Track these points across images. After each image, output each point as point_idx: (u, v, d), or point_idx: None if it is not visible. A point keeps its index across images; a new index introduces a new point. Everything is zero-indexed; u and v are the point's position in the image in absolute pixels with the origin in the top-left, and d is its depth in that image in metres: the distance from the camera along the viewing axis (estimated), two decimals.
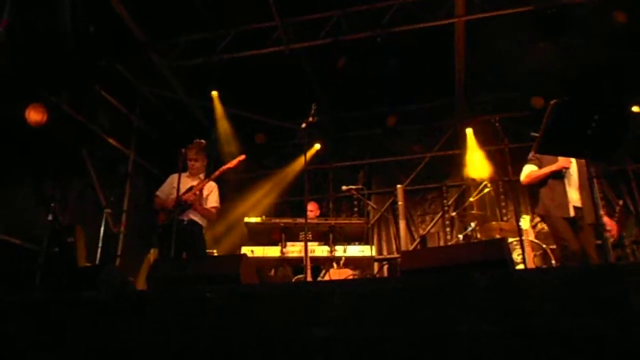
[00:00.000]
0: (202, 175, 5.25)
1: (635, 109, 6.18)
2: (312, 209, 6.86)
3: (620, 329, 1.85)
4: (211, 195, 5.19)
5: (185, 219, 4.95)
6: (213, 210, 5.17)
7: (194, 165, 5.16)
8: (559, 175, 4.61)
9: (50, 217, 5.25)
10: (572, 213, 4.47)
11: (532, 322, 1.94)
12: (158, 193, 5.22)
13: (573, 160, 4.61)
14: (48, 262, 5.04)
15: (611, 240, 5.06)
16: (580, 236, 4.48)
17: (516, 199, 7.69)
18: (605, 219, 5.08)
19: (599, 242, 4.78)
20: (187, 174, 5.09)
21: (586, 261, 4.35)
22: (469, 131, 8.30)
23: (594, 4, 6.17)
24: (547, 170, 4.61)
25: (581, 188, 4.56)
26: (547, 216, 4.65)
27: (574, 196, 4.55)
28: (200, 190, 5.07)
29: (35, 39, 4.70)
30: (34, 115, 4.86)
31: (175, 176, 5.14)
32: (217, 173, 5.12)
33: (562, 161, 4.54)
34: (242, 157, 5.27)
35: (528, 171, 4.77)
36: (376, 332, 2.04)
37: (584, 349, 1.85)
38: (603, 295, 1.95)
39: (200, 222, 5.09)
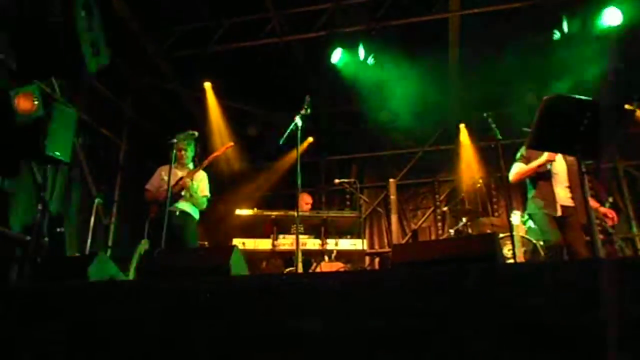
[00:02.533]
0: (191, 165, 5.24)
1: (627, 106, 6.20)
2: (308, 202, 6.83)
3: (607, 323, 1.87)
4: (201, 184, 5.19)
5: (177, 210, 4.93)
6: (203, 199, 5.18)
7: (183, 154, 5.14)
8: (547, 175, 4.62)
9: (39, 207, 5.21)
10: (559, 212, 4.50)
11: (520, 316, 1.95)
12: (148, 186, 5.21)
13: (559, 157, 4.64)
14: (37, 252, 5.00)
15: (610, 224, 5.11)
16: (568, 234, 4.49)
17: (507, 194, 7.73)
18: (601, 209, 5.13)
19: (588, 238, 4.84)
20: (176, 165, 5.06)
21: (572, 256, 4.38)
22: (462, 126, 8.32)
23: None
24: (533, 165, 4.63)
25: (572, 186, 4.57)
26: (535, 214, 4.68)
27: (561, 194, 4.56)
28: (191, 180, 5.06)
29: (26, 27, 4.64)
30: (24, 103, 4.81)
31: (163, 168, 5.14)
32: (206, 162, 5.12)
33: (547, 154, 4.57)
34: (230, 144, 5.25)
35: (517, 169, 4.79)
36: (367, 324, 2.05)
37: (571, 342, 1.86)
38: (591, 289, 1.97)
39: (191, 212, 5.08)
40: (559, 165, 4.65)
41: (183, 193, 4.98)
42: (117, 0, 6.28)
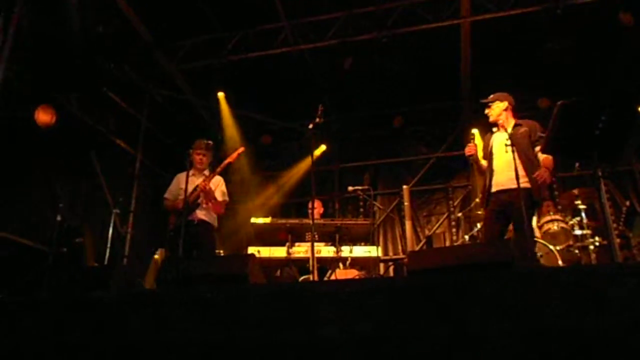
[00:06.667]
0: (207, 172, 5.24)
1: None
2: (316, 207, 6.85)
3: (624, 329, 1.86)
4: (218, 189, 5.20)
5: (195, 219, 4.95)
6: (222, 203, 5.20)
7: (202, 159, 5.15)
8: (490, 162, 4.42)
9: (59, 218, 5.29)
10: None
11: (537, 322, 1.95)
12: (167, 195, 5.22)
13: (497, 139, 4.44)
14: (57, 263, 5.07)
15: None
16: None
17: None
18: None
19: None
20: (193, 172, 5.08)
21: None
22: (476, 132, 8.28)
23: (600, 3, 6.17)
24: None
25: (521, 158, 4.04)
26: None
27: (499, 179, 4.24)
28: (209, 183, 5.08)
29: (45, 42, 4.75)
30: (43, 117, 4.92)
31: (180, 176, 5.14)
32: (219, 168, 5.12)
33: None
34: (241, 149, 5.27)
35: None
36: (383, 332, 2.06)
37: (589, 347, 1.86)
38: (609, 295, 1.96)
39: (210, 221, 5.09)
40: (496, 142, 4.42)
41: (200, 201, 5.01)
42: (132, 13, 6.40)
